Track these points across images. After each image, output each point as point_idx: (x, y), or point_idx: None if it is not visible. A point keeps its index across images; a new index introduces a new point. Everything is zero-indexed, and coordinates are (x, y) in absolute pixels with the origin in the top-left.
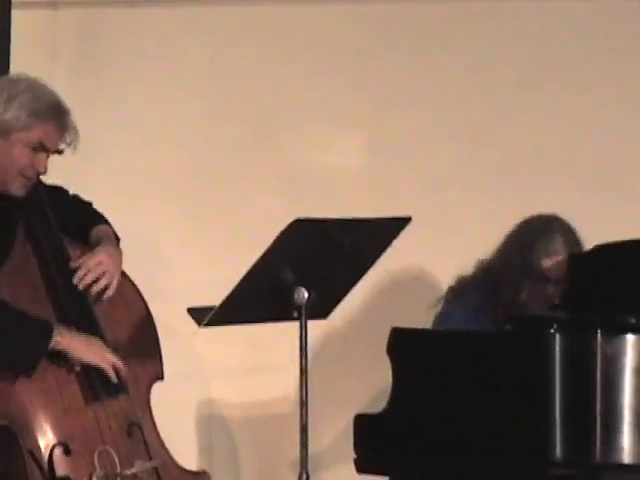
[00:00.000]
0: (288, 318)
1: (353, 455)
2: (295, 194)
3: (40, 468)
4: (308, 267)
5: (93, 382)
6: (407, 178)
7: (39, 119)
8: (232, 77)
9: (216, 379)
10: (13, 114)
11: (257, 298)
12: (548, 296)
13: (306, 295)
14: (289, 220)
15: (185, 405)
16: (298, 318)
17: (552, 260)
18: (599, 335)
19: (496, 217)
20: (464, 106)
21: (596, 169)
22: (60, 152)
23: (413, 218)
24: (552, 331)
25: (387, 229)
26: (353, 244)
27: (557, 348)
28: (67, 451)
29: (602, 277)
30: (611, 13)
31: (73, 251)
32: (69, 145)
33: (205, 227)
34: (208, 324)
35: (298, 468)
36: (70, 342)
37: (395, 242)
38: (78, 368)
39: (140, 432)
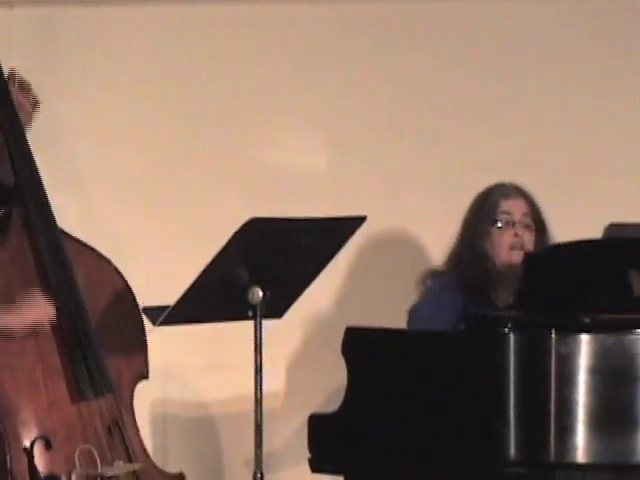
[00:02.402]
0: (243, 317)
1: (308, 454)
2: (252, 193)
3: (21, 458)
4: (263, 266)
5: (80, 379)
6: (365, 177)
7: None
8: (190, 75)
9: (170, 378)
10: None
11: (212, 297)
12: (509, 242)
13: (261, 294)
14: (246, 218)
15: (139, 404)
16: (253, 317)
17: (509, 201)
18: (553, 335)
19: (454, 218)
20: (422, 107)
21: (553, 168)
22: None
23: (370, 217)
24: (506, 330)
25: (342, 228)
26: (308, 243)
27: (511, 347)
28: (48, 445)
29: (556, 276)
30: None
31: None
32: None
33: (162, 225)
34: (163, 323)
35: (253, 467)
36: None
37: (351, 241)
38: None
39: (120, 432)
